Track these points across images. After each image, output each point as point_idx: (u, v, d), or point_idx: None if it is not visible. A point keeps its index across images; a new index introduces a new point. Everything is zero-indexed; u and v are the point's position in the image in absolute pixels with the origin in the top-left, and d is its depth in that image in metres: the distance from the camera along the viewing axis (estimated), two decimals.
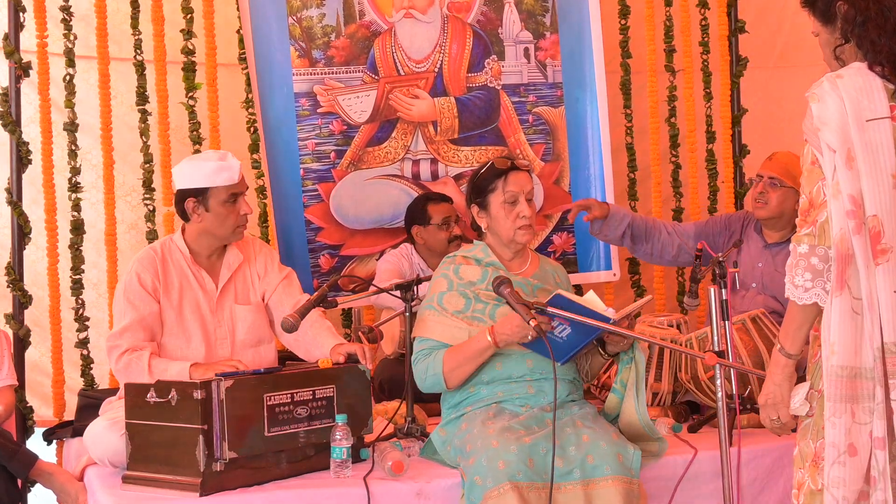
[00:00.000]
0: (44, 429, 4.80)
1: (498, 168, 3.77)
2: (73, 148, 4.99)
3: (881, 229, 2.57)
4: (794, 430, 2.83)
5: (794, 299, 2.66)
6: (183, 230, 4.09)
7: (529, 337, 3.50)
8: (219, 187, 3.96)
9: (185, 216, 4.03)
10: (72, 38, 4.98)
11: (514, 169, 3.78)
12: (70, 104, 4.98)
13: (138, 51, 5.10)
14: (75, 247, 4.97)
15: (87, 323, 4.97)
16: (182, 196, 4.00)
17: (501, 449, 3.34)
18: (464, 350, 3.65)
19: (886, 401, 2.55)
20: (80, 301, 4.96)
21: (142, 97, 5.11)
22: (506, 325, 3.54)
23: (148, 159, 5.09)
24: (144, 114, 5.11)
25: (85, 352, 4.97)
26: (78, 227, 4.98)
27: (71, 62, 4.99)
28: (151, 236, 5.04)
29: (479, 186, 3.81)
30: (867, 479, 2.57)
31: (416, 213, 5.06)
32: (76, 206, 4.98)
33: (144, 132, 5.10)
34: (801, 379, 2.79)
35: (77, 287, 4.96)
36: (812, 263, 2.62)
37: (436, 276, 3.85)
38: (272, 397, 3.51)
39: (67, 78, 4.98)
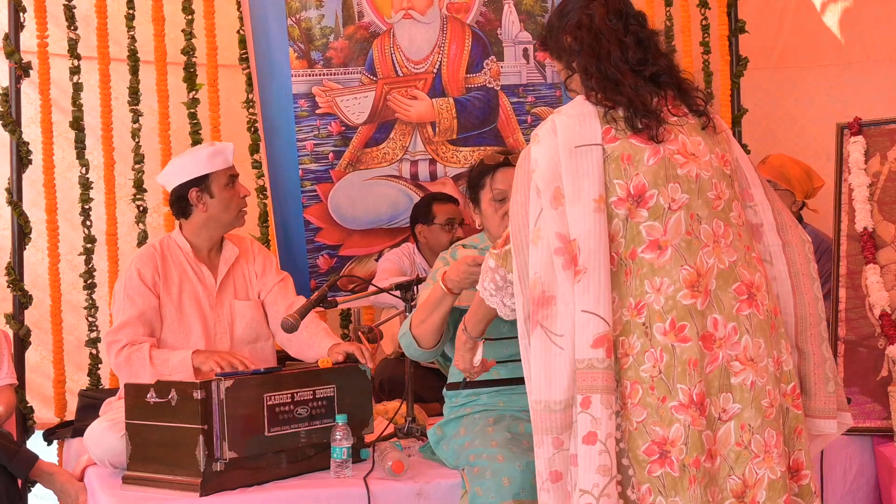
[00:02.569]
0: (44, 429, 4.81)
1: (487, 164, 3.68)
2: (81, 147, 5.01)
3: (577, 252, 2.64)
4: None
5: (482, 296, 2.92)
6: (181, 228, 4.11)
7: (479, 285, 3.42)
8: (218, 172, 4.02)
9: (185, 211, 4.05)
10: (74, 36, 5.00)
11: (505, 165, 3.67)
12: (77, 103, 4.99)
13: (132, 50, 5.10)
14: (87, 245, 4.99)
15: (96, 324, 4.98)
16: (183, 190, 4.02)
17: (507, 465, 3.30)
18: (425, 304, 3.53)
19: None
20: (91, 299, 4.98)
21: (134, 97, 5.11)
22: (454, 269, 3.39)
23: (139, 160, 5.09)
24: (136, 114, 5.11)
25: (94, 351, 4.98)
26: (90, 238, 5.02)
27: (76, 67, 5.00)
28: (143, 237, 5.03)
29: (470, 183, 3.77)
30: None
31: (421, 212, 5.07)
32: (85, 212, 5.00)
33: (135, 133, 5.10)
34: None
35: (90, 286, 4.98)
36: (495, 278, 2.87)
37: (435, 264, 3.83)
38: (272, 397, 3.51)
39: (74, 78, 4.99)
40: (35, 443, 4.82)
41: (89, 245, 5.00)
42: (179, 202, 4.05)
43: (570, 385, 2.65)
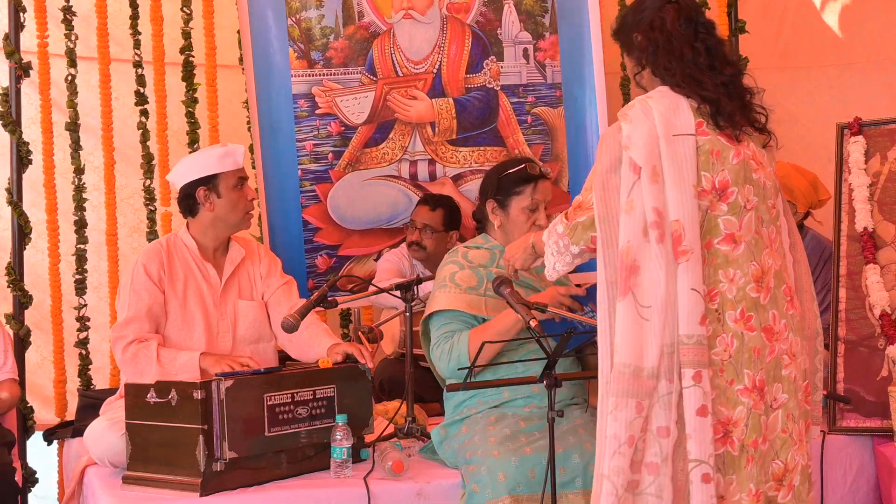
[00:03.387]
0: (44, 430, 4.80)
1: (531, 173, 3.81)
2: (76, 148, 5.00)
3: (682, 233, 2.82)
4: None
5: (545, 244, 3.08)
6: (188, 227, 4.12)
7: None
8: (227, 172, 4.05)
9: (192, 210, 4.07)
10: (73, 37, 4.99)
11: (542, 177, 3.83)
12: (72, 104, 4.98)
13: (137, 51, 5.10)
14: (79, 247, 4.97)
15: (87, 324, 4.96)
16: (191, 188, 4.05)
17: (502, 460, 3.35)
18: (493, 326, 3.63)
19: (676, 393, 2.79)
20: (82, 301, 4.97)
21: (140, 97, 5.11)
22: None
23: (148, 159, 5.09)
24: (144, 114, 5.11)
25: (84, 352, 4.96)
26: (81, 226, 4.98)
27: (73, 62, 4.99)
28: (153, 237, 5.03)
29: (504, 186, 3.83)
30: (637, 468, 2.81)
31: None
32: (80, 207, 4.98)
33: (146, 133, 5.10)
34: None
35: (81, 287, 4.96)
36: (558, 243, 3.03)
37: (444, 265, 3.85)
38: (273, 397, 3.51)
39: (69, 78, 4.98)
40: (35, 443, 4.83)
41: (81, 246, 4.98)
42: (187, 200, 4.07)
43: (657, 354, 2.79)
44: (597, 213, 2.89)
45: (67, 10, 4.98)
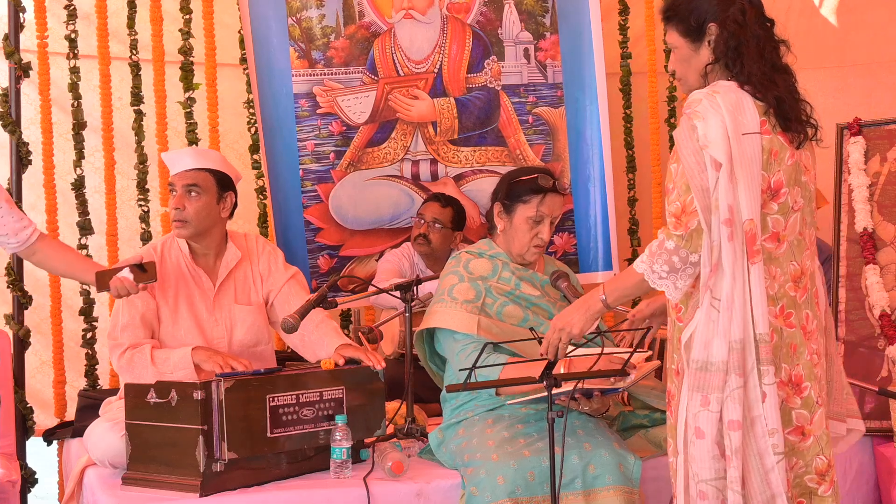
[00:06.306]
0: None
1: (539, 184, 3.77)
2: (80, 149, 5.00)
3: (756, 232, 2.86)
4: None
5: (647, 279, 2.95)
6: None
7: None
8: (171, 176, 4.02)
9: None
10: (73, 36, 4.98)
11: (553, 191, 3.78)
12: (78, 111, 4.98)
13: (134, 50, 5.09)
14: (82, 241, 4.97)
15: (94, 324, 4.95)
16: None
17: (501, 463, 3.35)
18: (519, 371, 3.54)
19: (745, 388, 2.84)
20: (88, 300, 4.96)
21: (136, 97, 5.10)
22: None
23: (142, 159, 5.08)
24: (139, 114, 5.10)
25: (91, 351, 4.96)
26: (85, 225, 4.99)
27: (75, 69, 4.99)
28: (146, 237, 5.02)
29: (513, 192, 3.80)
30: (722, 458, 2.87)
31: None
32: (82, 203, 4.98)
33: (139, 132, 5.09)
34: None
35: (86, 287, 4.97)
36: (672, 260, 2.90)
37: (445, 275, 3.84)
38: (275, 398, 3.50)
39: (72, 80, 4.97)
40: (35, 444, 4.83)
41: (84, 242, 4.98)
42: None
43: (725, 350, 2.83)
44: (701, 216, 2.86)
45: (70, 13, 4.97)
